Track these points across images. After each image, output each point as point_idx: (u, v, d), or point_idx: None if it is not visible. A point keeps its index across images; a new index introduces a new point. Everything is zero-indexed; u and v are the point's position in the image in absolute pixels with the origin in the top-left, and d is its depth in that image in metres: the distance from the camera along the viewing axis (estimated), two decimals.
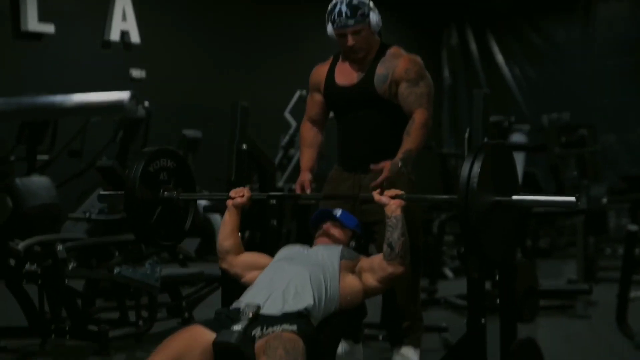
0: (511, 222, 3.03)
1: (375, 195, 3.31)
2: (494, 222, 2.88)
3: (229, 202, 3.48)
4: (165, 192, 3.55)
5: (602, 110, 13.64)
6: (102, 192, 4.02)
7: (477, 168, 2.80)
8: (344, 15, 3.91)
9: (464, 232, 2.85)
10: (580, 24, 14.51)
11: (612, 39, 14.00)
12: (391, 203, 3.24)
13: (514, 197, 2.94)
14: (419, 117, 3.93)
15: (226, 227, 3.46)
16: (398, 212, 3.21)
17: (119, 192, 3.56)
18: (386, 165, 3.75)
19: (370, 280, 3.27)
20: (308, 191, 4.03)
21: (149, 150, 3.61)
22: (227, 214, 3.48)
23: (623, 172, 12.06)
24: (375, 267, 3.27)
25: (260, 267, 3.37)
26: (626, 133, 13.75)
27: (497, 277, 3.44)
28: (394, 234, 3.20)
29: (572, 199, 2.87)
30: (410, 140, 3.89)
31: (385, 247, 3.22)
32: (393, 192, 3.28)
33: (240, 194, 3.47)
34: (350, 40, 3.95)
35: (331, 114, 4.32)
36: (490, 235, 2.88)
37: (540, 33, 14.89)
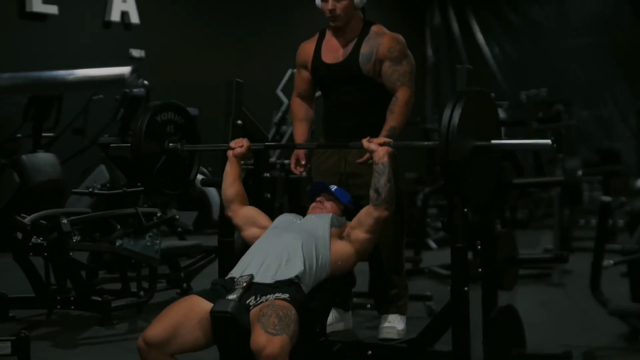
0: (491, 166, 3.03)
1: (364, 142, 3.32)
2: (474, 165, 2.88)
3: (229, 153, 3.49)
4: (170, 144, 3.54)
5: (577, 87, 13.65)
6: (112, 145, 4.03)
7: (457, 114, 2.80)
8: None
9: (445, 176, 2.86)
10: (556, 3, 14.49)
11: (586, 19, 13.98)
12: (379, 150, 3.26)
13: (493, 142, 2.93)
14: (402, 95, 3.93)
15: (228, 177, 3.47)
16: (385, 158, 3.23)
17: (127, 144, 3.56)
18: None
19: (360, 234, 3.27)
20: (303, 162, 4.05)
21: (157, 102, 3.60)
22: (228, 165, 3.49)
23: (596, 146, 12.11)
24: (362, 218, 3.28)
25: (259, 226, 3.40)
26: (599, 109, 13.76)
27: (479, 247, 3.44)
28: (381, 179, 3.22)
29: (548, 141, 2.87)
30: (394, 117, 3.89)
31: (372, 192, 3.24)
32: (381, 139, 3.29)
33: (239, 144, 3.48)
34: (330, 4, 3.93)
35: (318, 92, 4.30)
36: (471, 180, 2.88)
37: (518, 13, 14.85)
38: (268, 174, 3.80)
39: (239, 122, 3.62)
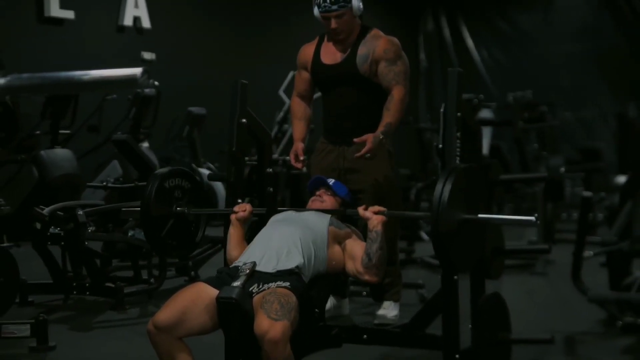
0: (477, 236, 3.03)
1: (360, 210, 3.20)
2: (462, 237, 2.88)
3: (233, 217, 3.37)
4: (178, 208, 3.51)
5: (561, 90, 13.64)
6: (123, 209, 3.98)
7: (447, 189, 2.80)
8: (328, 1, 3.90)
9: (435, 245, 2.86)
10: (542, 12, 14.48)
11: (569, 26, 13.98)
12: (373, 218, 3.14)
13: (480, 216, 2.94)
14: (397, 93, 3.92)
15: (232, 239, 3.35)
16: (379, 227, 3.12)
17: (137, 208, 3.51)
18: (369, 138, 3.73)
19: (349, 265, 3.22)
20: (301, 158, 4.00)
21: (164, 170, 3.56)
22: (231, 228, 3.36)
23: (578, 145, 12.10)
24: (357, 264, 3.19)
25: None
26: (581, 110, 13.76)
27: None
28: (373, 246, 3.12)
29: (532, 218, 2.87)
30: (390, 114, 3.88)
31: (364, 256, 3.15)
32: (376, 208, 3.18)
33: (242, 209, 3.38)
34: (334, 23, 3.93)
35: (318, 93, 4.30)
36: (458, 249, 2.88)
37: (506, 20, 14.84)
38: (271, 170, 3.79)
39: (244, 120, 3.61)
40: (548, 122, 9.36)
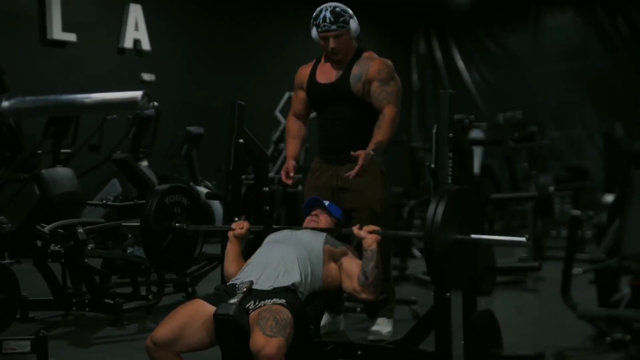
0: (470, 255, 3.03)
1: (355, 230, 3.20)
2: (455, 256, 2.88)
3: (230, 233, 3.38)
4: (177, 224, 3.50)
5: (550, 110, 13.69)
6: (123, 223, 3.96)
7: (440, 210, 2.80)
8: (327, 21, 3.92)
9: (428, 265, 2.86)
10: (530, 33, 14.56)
11: (557, 48, 14.06)
12: (368, 237, 3.14)
13: (473, 236, 2.94)
14: (388, 112, 3.93)
15: (230, 256, 3.36)
16: (374, 246, 3.12)
17: (137, 224, 3.50)
18: (360, 154, 3.72)
19: (346, 284, 3.22)
20: (291, 175, 4.00)
21: (164, 186, 3.56)
22: (229, 244, 3.37)
23: (567, 164, 12.11)
24: (353, 283, 3.18)
25: None
26: (569, 130, 13.81)
27: None
28: (369, 265, 3.12)
29: (523, 239, 2.87)
30: (381, 132, 3.89)
31: (361, 275, 3.15)
32: (371, 227, 3.17)
33: (240, 227, 3.39)
34: (332, 43, 3.95)
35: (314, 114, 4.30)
36: (451, 268, 2.88)
37: (496, 41, 14.92)
38: (267, 188, 3.79)
39: (241, 140, 3.61)
40: (537, 141, 9.37)
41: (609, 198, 5.15)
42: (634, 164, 4.84)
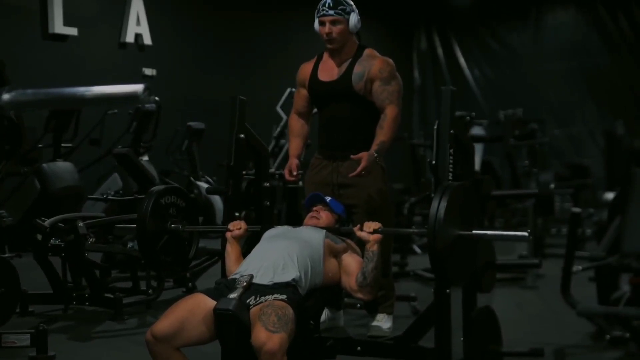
0: (471, 251, 3.02)
1: (356, 230, 3.20)
2: (457, 252, 2.88)
3: (228, 234, 3.37)
4: (172, 225, 3.50)
5: (550, 107, 13.68)
6: (117, 225, 3.97)
7: (442, 207, 2.80)
8: (326, 5, 3.96)
9: (431, 259, 2.85)
10: (531, 31, 14.54)
11: (558, 45, 14.04)
12: (370, 238, 3.14)
13: (474, 232, 2.94)
14: (390, 112, 3.93)
15: (230, 257, 3.35)
16: (375, 247, 3.12)
17: (133, 225, 3.50)
18: (363, 156, 3.74)
19: (345, 281, 3.22)
20: (295, 173, 4.02)
21: (160, 187, 3.56)
22: (228, 246, 3.36)
23: (567, 162, 12.10)
24: (351, 281, 3.18)
25: None
26: (570, 127, 13.80)
27: None
28: (369, 265, 3.12)
29: (525, 233, 2.87)
30: (383, 133, 3.89)
31: (359, 275, 3.15)
32: (372, 226, 3.17)
33: (237, 227, 3.38)
34: (328, 28, 3.96)
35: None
36: (453, 262, 2.88)
37: (497, 39, 14.90)
38: (267, 184, 3.79)
39: (242, 136, 3.61)
40: (538, 139, 9.36)
41: (610, 196, 5.14)
42: (634, 162, 4.83)
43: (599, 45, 13.75)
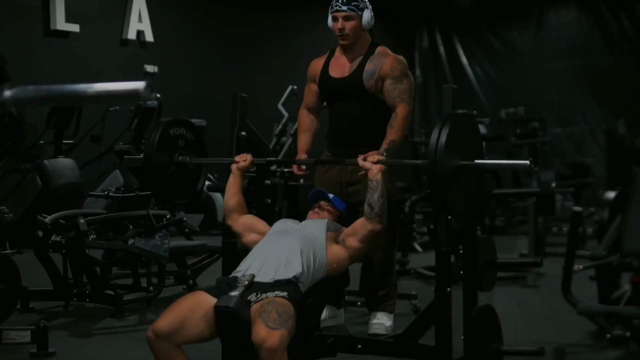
0: (474, 183, 3.02)
1: (360, 160, 3.26)
2: (459, 183, 2.87)
3: (234, 166, 3.45)
4: (180, 157, 3.52)
5: (552, 106, 13.68)
6: (126, 157, 4.00)
7: (444, 135, 2.78)
8: (340, 1, 3.96)
9: (431, 192, 2.84)
10: (533, 30, 14.53)
11: (560, 45, 14.03)
12: (373, 167, 3.21)
13: (477, 162, 2.93)
14: (401, 111, 3.92)
15: (231, 188, 3.43)
16: (379, 176, 3.18)
17: (140, 157, 3.54)
18: (372, 155, 3.72)
19: (353, 242, 3.23)
20: (303, 166, 4.05)
21: (169, 118, 3.58)
22: (231, 177, 3.44)
23: (568, 160, 12.11)
24: (357, 228, 3.23)
25: (258, 232, 3.34)
26: (571, 126, 13.80)
27: (461, 251, 3.43)
28: (374, 195, 3.17)
29: (527, 162, 2.89)
30: (394, 132, 3.88)
31: (366, 207, 3.18)
32: (375, 157, 3.24)
33: (243, 159, 3.45)
34: (340, 24, 3.95)
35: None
36: (455, 195, 2.87)
37: (499, 37, 14.89)
38: (269, 181, 3.79)
39: (243, 133, 3.61)
40: (539, 137, 9.36)
41: (611, 195, 5.14)
42: (635, 161, 4.83)
43: (601, 44, 13.75)
